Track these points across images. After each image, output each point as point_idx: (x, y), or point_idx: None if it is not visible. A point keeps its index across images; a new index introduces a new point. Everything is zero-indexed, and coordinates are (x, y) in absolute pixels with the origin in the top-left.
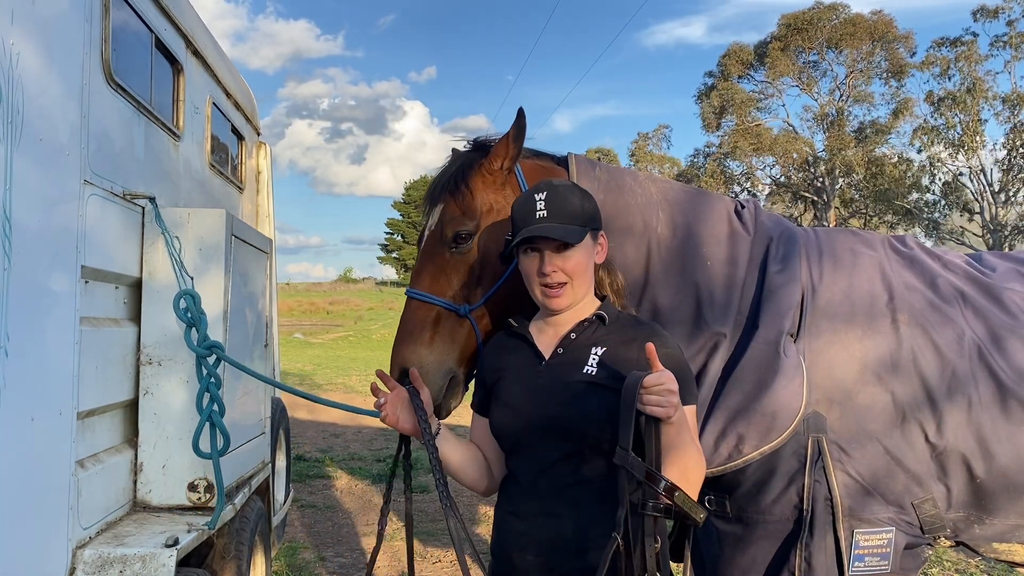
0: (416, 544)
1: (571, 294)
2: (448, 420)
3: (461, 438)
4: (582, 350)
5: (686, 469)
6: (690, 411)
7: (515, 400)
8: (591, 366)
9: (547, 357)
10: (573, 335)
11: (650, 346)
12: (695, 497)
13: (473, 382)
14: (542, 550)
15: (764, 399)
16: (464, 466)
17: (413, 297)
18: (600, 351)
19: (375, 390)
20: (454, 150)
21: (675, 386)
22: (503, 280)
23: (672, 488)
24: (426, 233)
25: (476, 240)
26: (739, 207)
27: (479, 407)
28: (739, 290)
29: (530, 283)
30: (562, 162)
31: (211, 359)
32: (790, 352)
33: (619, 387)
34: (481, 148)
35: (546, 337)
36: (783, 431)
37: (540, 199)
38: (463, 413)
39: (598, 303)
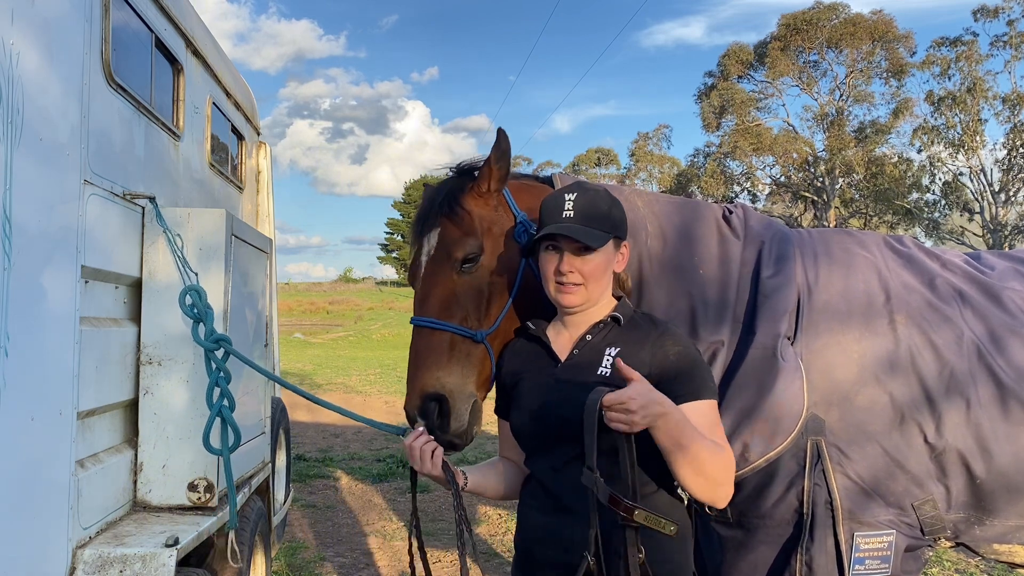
0: (416, 544)
1: (584, 295)
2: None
3: (482, 463)
4: (597, 351)
5: (700, 468)
6: (706, 405)
7: (532, 402)
8: (605, 367)
9: (563, 359)
10: (589, 336)
11: (619, 361)
12: (729, 488)
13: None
14: (560, 545)
15: (766, 404)
16: (494, 489)
17: (424, 325)
18: (614, 352)
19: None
20: (426, 186)
21: (637, 403)
22: (512, 299)
23: (632, 508)
24: (423, 259)
25: (483, 260)
26: (727, 212)
27: (501, 411)
28: (733, 296)
29: (546, 280)
30: (547, 181)
31: (219, 353)
32: (788, 356)
33: None
34: (465, 173)
35: (562, 339)
36: (788, 435)
37: (569, 199)
38: (491, 421)
39: (615, 303)
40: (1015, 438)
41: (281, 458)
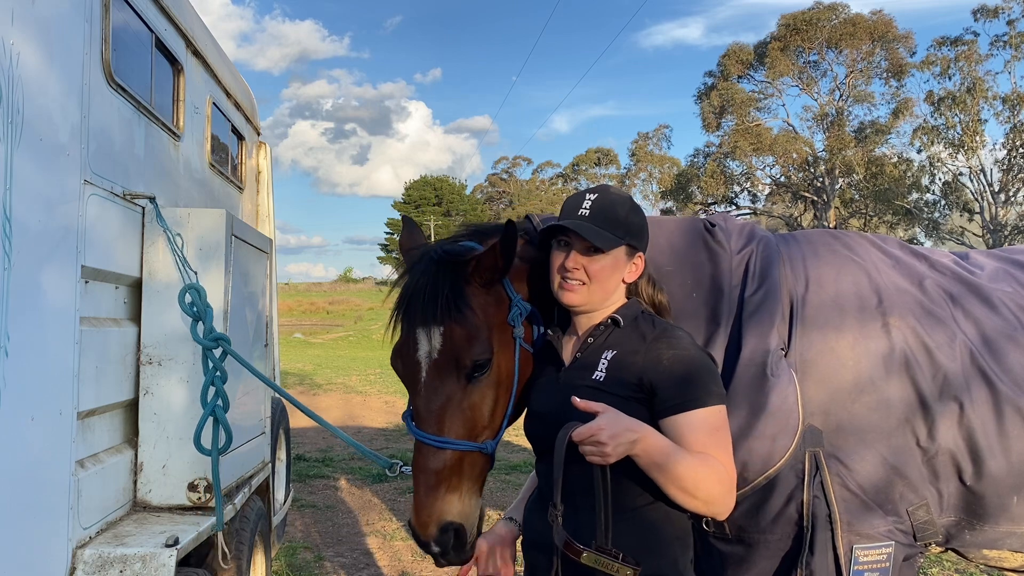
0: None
1: (585, 295)
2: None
3: (523, 492)
4: (595, 355)
5: (686, 488)
6: (700, 416)
7: (537, 405)
8: (600, 371)
9: (567, 363)
10: (591, 339)
11: (575, 399)
12: (728, 501)
13: None
14: (546, 549)
15: (759, 424)
16: None
17: (432, 445)
18: (610, 355)
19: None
20: (403, 217)
21: (606, 434)
22: (514, 395)
23: (580, 551)
24: (421, 359)
25: (493, 362)
26: (709, 225)
27: None
28: (725, 313)
29: (552, 275)
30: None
31: (217, 352)
32: (779, 370)
33: (624, 393)
34: (453, 260)
35: (571, 343)
36: (785, 452)
37: (589, 198)
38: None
39: (623, 303)
40: (1009, 445)
41: (281, 458)
